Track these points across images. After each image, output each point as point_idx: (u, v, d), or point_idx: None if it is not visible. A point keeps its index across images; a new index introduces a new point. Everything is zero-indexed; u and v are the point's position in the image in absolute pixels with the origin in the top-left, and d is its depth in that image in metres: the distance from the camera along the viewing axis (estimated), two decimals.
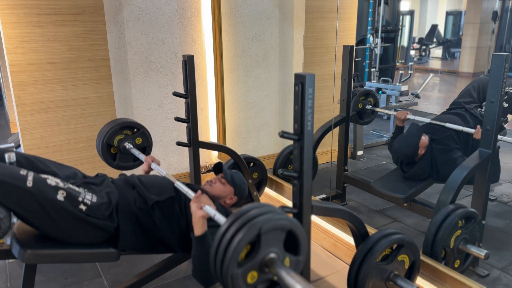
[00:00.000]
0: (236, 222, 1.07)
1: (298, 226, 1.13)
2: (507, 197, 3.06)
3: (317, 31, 3.50)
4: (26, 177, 1.44)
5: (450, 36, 11.41)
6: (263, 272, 1.10)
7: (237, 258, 1.05)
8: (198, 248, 1.55)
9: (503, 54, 1.89)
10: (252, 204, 1.14)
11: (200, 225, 1.54)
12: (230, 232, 1.06)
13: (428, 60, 11.40)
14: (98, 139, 2.25)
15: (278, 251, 1.11)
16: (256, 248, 1.08)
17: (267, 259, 1.09)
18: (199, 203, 1.56)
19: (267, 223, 1.06)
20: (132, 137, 2.27)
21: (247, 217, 1.07)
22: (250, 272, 1.08)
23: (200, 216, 1.54)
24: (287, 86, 3.53)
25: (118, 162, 2.28)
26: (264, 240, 1.07)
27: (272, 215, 1.09)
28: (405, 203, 2.58)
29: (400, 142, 2.66)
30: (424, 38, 11.47)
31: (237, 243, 1.03)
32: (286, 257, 1.13)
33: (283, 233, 1.11)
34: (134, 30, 2.88)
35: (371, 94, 3.07)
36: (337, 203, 2.99)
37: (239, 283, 1.06)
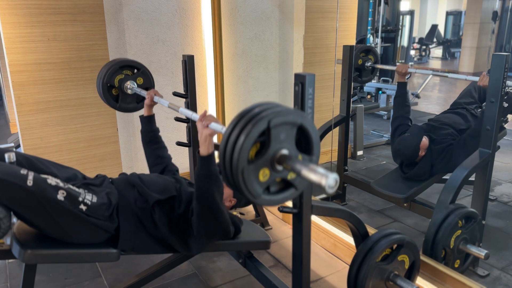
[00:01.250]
0: (242, 119, 0.99)
1: (310, 122, 1.04)
2: (507, 197, 3.06)
3: (317, 31, 3.50)
4: (27, 176, 1.44)
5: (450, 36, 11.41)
6: (275, 170, 1.02)
7: (246, 152, 0.97)
8: (202, 168, 1.48)
9: (503, 54, 1.89)
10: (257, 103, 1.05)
11: (207, 144, 1.47)
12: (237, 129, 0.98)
13: (428, 60, 11.40)
14: (98, 80, 2.16)
15: (291, 148, 1.03)
16: (266, 144, 1.00)
17: (279, 155, 1.01)
18: (205, 121, 1.46)
19: (276, 116, 0.98)
20: (133, 77, 2.19)
21: (254, 113, 0.99)
22: (262, 169, 1.01)
23: (207, 134, 1.45)
24: (287, 86, 3.53)
25: (121, 103, 2.21)
26: (274, 135, 0.99)
27: (281, 108, 1.01)
28: (405, 203, 2.58)
29: (401, 143, 2.66)
30: (424, 38, 11.47)
31: (245, 136, 0.96)
32: (299, 155, 1.05)
33: (293, 128, 1.02)
34: (134, 30, 2.88)
35: (371, 51, 2.98)
36: (337, 203, 2.99)
37: (251, 179, 0.99)
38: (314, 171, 0.93)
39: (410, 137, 2.63)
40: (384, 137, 4.47)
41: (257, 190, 1.01)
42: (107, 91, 2.17)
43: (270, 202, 1.05)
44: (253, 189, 1.00)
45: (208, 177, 1.49)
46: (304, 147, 1.07)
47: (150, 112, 2.08)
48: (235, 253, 2.13)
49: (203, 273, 2.25)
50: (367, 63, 2.96)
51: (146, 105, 2.06)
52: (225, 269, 2.29)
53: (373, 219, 2.80)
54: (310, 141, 1.06)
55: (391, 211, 2.89)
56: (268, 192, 1.04)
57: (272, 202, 1.06)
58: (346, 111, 2.90)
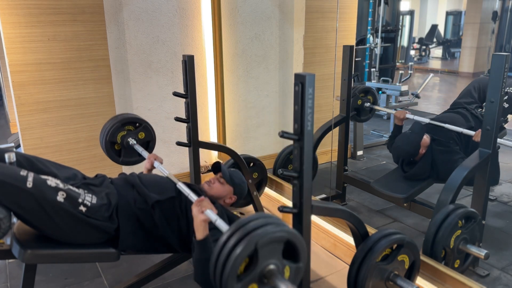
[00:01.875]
0: (233, 237, 1.08)
1: (296, 235, 1.13)
2: (507, 197, 3.06)
3: (317, 31, 3.50)
4: (26, 177, 1.44)
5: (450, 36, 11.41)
6: (263, 283, 1.10)
7: (235, 274, 1.05)
8: (199, 252, 1.55)
9: (503, 54, 1.89)
10: (250, 216, 1.13)
11: (202, 229, 1.54)
12: (227, 248, 1.07)
13: (428, 60, 11.40)
14: (101, 137, 2.24)
15: (277, 261, 1.12)
16: (254, 261, 1.08)
17: (266, 271, 1.10)
18: (200, 207, 1.55)
19: (263, 238, 1.06)
20: (134, 133, 2.26)
21: (244, 232, 1.07)
22: (250, 285, 1.09)
23: (202, 220, 1.53)
24: (287, 86, 3.53)
25: (123, 158, 2.27)
26: (262, 253, 1.08)
27: (270, 227, 1.09)
28: (405, 203, 2.58)
29: (402, 140, 2.66)
30: (424, 38, 11.47)
31: (234, 260, 1.04)
32: (286, 266, 1.14)
33: (280, 244, 1.11)
34: (134, 30, 2.88)
35: (370, 92, 3.06)
36: (337, 203, 2.99)
37: None
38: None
39: (412, 134, 2.63)
40: (384, 137, 4.47)
41: None
42: (110, 148, 2.24)
43: None
44: None
45: (205, 260, 1.52)
46: (292, 255, 1.15)
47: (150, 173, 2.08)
48: None
49: None
50: (365, 104, 3.02)
51: (145, 169, 2.07)
52: None
53: (373, 219, 2.80)
54: (297, 252, 1.15)
55: (391, 211, 2.89)
56: None
57: None
58: (346, 111, 2.90)
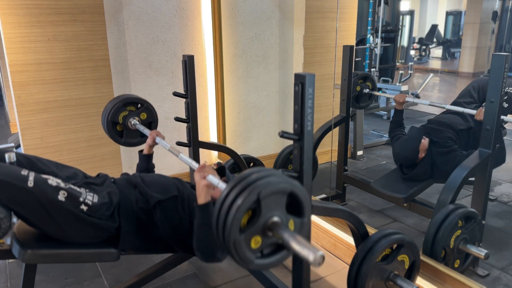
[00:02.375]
0: (234, 189, 1.04)
1: (299, 187, 1.08)
2: (507, 197, 3.06)
3: (317, 31, 3.51)
4: (27, 177, 1.44)
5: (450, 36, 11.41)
6: (266, 236, 1.06)
7: (237, 225, 1.01)
8: (201, 217, 1.53)
9: (503, 54, 1.89)
10: (251, 169, 1.10)
11: (204, 195, 1.52)
12: (229, 199, 1.03)
13: (428, 60, 11.40)
14: (103, 118, 2.21)
15: (281, 214, 1.07)
16: (257, 213, 1.05)
17: (270, 223, 1.05)
18: (203, 173, 1.53)
19: (266, 188, 1.02)
20: (136, 113, 2.23)
21: (246, 183, 1.04)
22: (254, 237, 1.05)
23: (204, 185, 1.51)
24: (287, 86, 3.53)
25: (125, 139, 2.25)
26: (265, 204, 1.04)
27: (272, 178, 1.05)
28: (405, 203, 2.58)
29: (400, 146, 2.66)
30: (424, 38, 11.47)
31: (236, 210, 1.00)
32: (290, 220, 1.09)
33: (284, 196, 1.07)
34: (134, 30, 2.88)
35: (369, 78, 3.04)
36: (337, 203, 2.99)
37: (243, 248, 1.03)
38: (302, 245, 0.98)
39: (409, 139, 2.63)
40: (384, 137, 4.47)
41: (249, 258, 1.05)
42: (112, 128, 2.21)
43: (263, 266, 1.09)
44: (245, 258, 1.05)
45: (207, 225, 1.52)
46: (296, 209, 1.11)
47: (150, 151, 2.10)
48: None
49: (203, 273, 2.25)
50: (364, 90, 3.02)
51: (148, 145, 2.07)
52: (225, 269, 2.29)
53: (373, 219, 2.80)
54: (301, 205, 1.10)
55: (391, 211, 2.89)
56: (261, 255, 1.08)
57: (266, 265, 1.10)
58: (346, 111, 2.90)
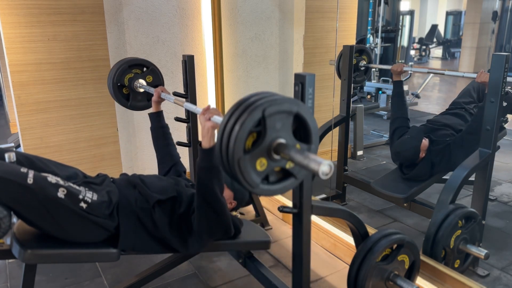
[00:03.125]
0: (238, 109, 0.99)
1: (307, 110, 1.03)
2: (507, 197, 3.06)
3: (317, 31, 3.50)
4: (27, 174, 1.44)
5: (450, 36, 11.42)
6: (272, 159, 1.01)
7: (242, 143, 0.96)
8: (204, 160, 1.49)
9: (503, 54, 1.89)
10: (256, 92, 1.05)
11: (209, 137, 1.47)
12: (232, 119, 0.98)
13: (428, 60, 11.41)
14: (109, 80, 2.20)
15: (288, 137, 1.02)
16: (262, 133, 0.99)
17: (275, 144, 1.00)
18: (207, 114, 1.47)
19: (271, 105, 0.97)
20: (142, 76, 2.22)
21: (249, 102, 0.99)
22: (259, 159, 1.00)
23: (209, 126, 1.46)
24: (287, 86, 3.53)
25: (132, 102, 2.24)
26: (270, 124, 0.98)
27: (277, 97, 1.00)
28: (405, 203, 2.58)
29: (401, 146, 2.65)
30: (424, 38, 11.48)
31: (239, 127, 0.95)
32: (297, 144, 1.04)
33: (289, 117, 1.01)
34: (134, 30, 2.88)
35: (365, 51, 3.00)
36: (337, 203, 2.99)
37: (247, 168, 0.98)
38: (308, 158, 0.92)
39: (410, 139, 2.63)
40: (384, 137, 4.48)
41: (254, 180, 1.00)
42: (118, 91, 2.20)
43: (269, 192, 1.04)
44: (250, 179, 0.99)
45: (210, 169, 1.49)
46: (302, 136, 1.05)
47: (158, 108, 2.10)
48: (235, 253, 2.13)
49: (203, 273, 2.25)
50: (361, 63, 2.98)
51: (153, 102, 2.08)
52: (225, 269, 2.29)
53: (373, 219, 2.80)
54: (308, 130, 1.04)
55: (391, 211, 2.89)
56: (267, 182, 1.03)
57: (271, 192, 1.04)
58: (346, 111, 2.90)
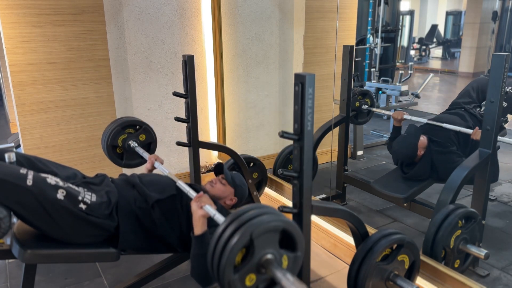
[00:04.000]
0: (228, 228, 1.08)
1: (291, 224, 1.12)
2: (507, 197, 3.06)
3: (317, 31, 3.50)
4: (26, 175, 1.44)
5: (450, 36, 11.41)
6: (261, 273, 1.10)
7: (231, 265, 1.05)
8: (197, 248, 1.55)
9: (503, 54, 1.89)
10: (246, 206, 1.14)
11: (200, 225, 1.55)
12: (223, 239, 1.07)
13: (428, 60, 11.40)
14: (103, 142, 2.26)
15: (274, 251, 1.11)
16: (250, 251, 1.08)
17: (263, 261, 1.09)
18: (199, 203, 1.56)
19: (257, 228, 1.06)
20: (135, 135, 2.28)
21: (239, 222, 1.07)
22: (248, 275, 1.09)
23: (200, 215, 1.54)
24: (287, 86, 3.53)
25: (126, 161, 2.29)
26: (258, 243, 1.07)
27: (265, 217, 1.09)
28: (405, 203, 2.58)
29: (398, 143, 2.67)
30: (424, 38, 11.47)
31: (229, 250, 1.04)
32: (284, 255, 1.13)
33: (276, 233, 1.11)
34: (134, 30, 2.88)
35: (368, 95, 3.09)
36: (337, 203, 2.99)
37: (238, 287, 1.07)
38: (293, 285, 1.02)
39: (407, 137, 2.63)
40: (384, 137, 4.48)
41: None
42: (112, 151, 2.25)
43: None
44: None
45: (204, 256, 1.51)
46: (289, 243, 1.15)
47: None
48: None
49: None
50: (363, 106, 3.06)
51: (146, 169, 2.07)
52: None
53: (373, 219, 2.80)
54: (294, 240, 1.14)
55: (391, 211, 2.89)
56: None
57: None
58: (346, 111, 2.90)
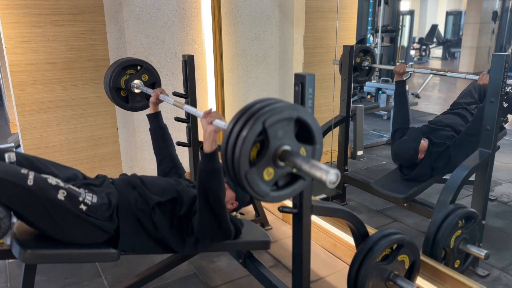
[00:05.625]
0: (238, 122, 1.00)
1: (307, 113, 1.03)
2: (507, 197, 3.06)
3: (317, 31, 3.50)
4: (27, 175, 1.44)
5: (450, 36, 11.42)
6: (278, 166, 1.02)
7: (246, 157, 0.97)
8: (206, 164, 1.49)
9: (503, 54, 1.89)
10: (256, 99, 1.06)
11: (211, 141, 1.47)
12: (234, 134, 0.99)
13: (428, 60, 11.40)
14: (105, 85, 2.19)
15: (291, 142, 1.02)
16: (265, 144, 1.00)
17: (280, 152, 1.00)
18: (209, 118, 1.46)
19: (270, 116, 0.97)
20: (137, 76, 2.20)
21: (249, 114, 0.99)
22: (266, 169, 1.01)
23: (211, 130, 1.45)
24: (287, 86, 3.52)
25: (132, 103, 2.23)
26: (272, 133, 0.98)
27: (277, 105, 1.00)
28: (405, 203, 2.58)
29: (399, 147, 2.65)
30: (424, 38, 11.48)
31: (242, 142, 0.96)
32: (301, 148, 1.04)
33: (291, 123, 1.02)
34: (134, 30, 2.88)
35: (370, 52, 3.02)
36: (337, 203, 2.99)
37: (256, 180, 1.00)
38: (315, 167, 0.92)
39: (408, 140, 2.62)
40: (384, 137, 4.47)
41: (264, 190, 1.01)
42: (116, 94, 2.19)
43: (279, 198, 1.05)
44: (259, 190, 1.01)
45: (212, 172, 1.49)
46: (306, 137, 1.05)
47: (156, 109, 2.09)
48: (235, 253, 2.13)
49: (203, 273, 2.25)
50: (364, 63, 2.99)
51: (151, 103, 2.07)
52: (225, 269, 2.29)
53: (373, 219, 2.80)
54: (311, 131, 1.05)
55: (391, 211, 2.89)
56: (276, 188, 1.04)
57: (281, 197, 1.05)
58: (346, 111, 2.90)
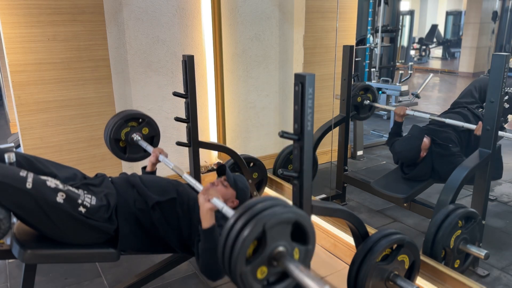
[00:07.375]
0: (240, 220, 1.06)
1: (304, 216, 1.10)
2: (507, 197, 3.06)
3: (317, 31, 3.50)
4: (26, 178, 1.43)
5: (450, 36, 11.41)
6: (272, 266, 1.08)
7: (243, 257, 1.03)
8: (206, 241, 1.53)
9: (503, 54, 1.89)
10: (258, 198, 1.12)
11: (208, 218, 1.51)
12: (235, 231, 1.05)
13: (428, 60, 11.40)
14: (106, 135, 2.24)
15: (286, 243, 1.09)
16: (262, 243, 1.06)
17: (275, 253, 1.07)
18: (207, 196, 1.52)
19: (271, 219, 1.04)
20: (138, 128, 2.26)
21: (251, 213, 1.05)
22: (260, 268, 1.07)
23: (208, 208, 1.50)
24: (287, 86, 3.53)
25: (129, 154, 2.28)
26: (270, 235, 1.05)
27: (277, 209, 1.07)
28: (405, 203, 2.58)
29: (401, 145, 2.65)
30: (424, 38, 11.47)
31: (241, 242, 1.02)
32: (295, 248, 1.11)
33: (288, 225, 1.09)
34: (134, 30, 2.88)
35: (370, 90, 3.07)
36: (337, 203, 2.99)
37: (249, 280, 1.05)
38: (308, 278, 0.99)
39: (411, 138, 2.63)
40: (384, 137, 4.47)
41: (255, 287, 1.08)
42: (115, 145, 2.24)
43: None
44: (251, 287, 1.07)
45: (214, 250, 1.50)
46: (300, 236, 1.13)
47: (153, 168, 2.10)
48: None
49: None
50: (365, 101, 3.05)
51: (151, 162, 2.07)
52: None
53: (373, 219, 2.80)
54: (306, 233, 1.13)
55: (391, 211, 2.89)
56: (267, 283, 1.10)
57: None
58: (346, 111, 2.90)
